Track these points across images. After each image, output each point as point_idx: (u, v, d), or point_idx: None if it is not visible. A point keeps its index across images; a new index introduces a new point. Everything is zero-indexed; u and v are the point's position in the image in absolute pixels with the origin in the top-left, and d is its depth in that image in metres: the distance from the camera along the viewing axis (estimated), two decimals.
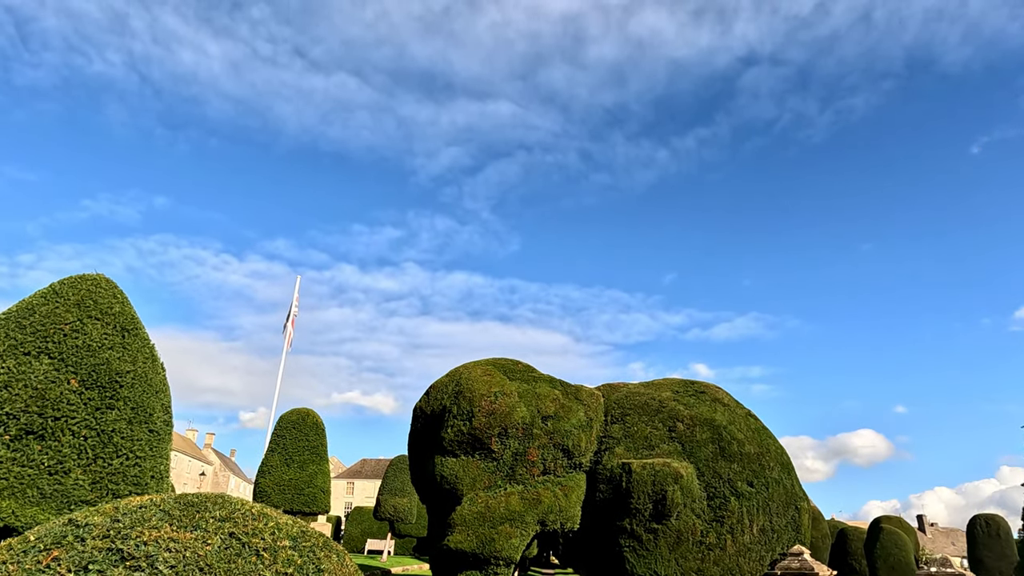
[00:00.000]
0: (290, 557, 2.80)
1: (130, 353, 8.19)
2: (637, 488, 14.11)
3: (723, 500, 14.32)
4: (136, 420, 7.86)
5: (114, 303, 8.47)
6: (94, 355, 7.75)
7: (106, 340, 7.99)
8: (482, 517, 14.25)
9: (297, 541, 2.96)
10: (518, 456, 14.81)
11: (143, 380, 8.16)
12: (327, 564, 2.92)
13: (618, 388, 16.92)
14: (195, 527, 2.72)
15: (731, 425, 15.29)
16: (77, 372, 7.53)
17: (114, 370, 7.82)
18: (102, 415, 7.51)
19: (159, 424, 8.21)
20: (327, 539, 3.29)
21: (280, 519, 3.12)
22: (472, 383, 15.59)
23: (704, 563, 13.87)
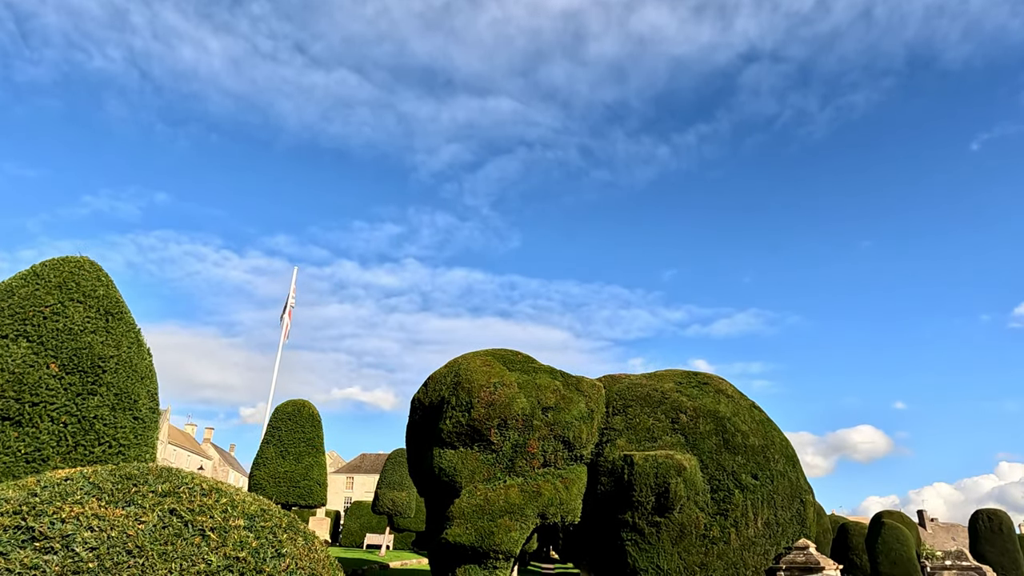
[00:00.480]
0: (243, 538, 2.49)
1: (114, 337, 7.87)
2: (639, 481, 13.81)
3: (727, 493, 14.02)
4: (120, 406, 7.54)
5: (98, 286, 8.15)
6: (75, 339, 7.43)
7: (88, 323, 7.67)
8: (481, 510, 13.95)
9: (254, 521, 2.67)
10: (518, 448, 14.51)
11: (127, 365, 7.84)
12: (290, 548, 2.58)
13: (620, 379, 16.62)
14: (129, 502, 2.38)
15: (735, 417, 14.98)
16: (57, 356, 7.22)
17: (96, 354, 7.50)
18: (83, 401, 7.19)
19: (144, 411, 7.90)
20: (293, 519, 2.95)
21: (236, 496, 2.77)
22: (471, 374, 15.27)
23: (708, 557, 13.57)
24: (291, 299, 23.61)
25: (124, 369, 7.77)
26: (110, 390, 7.48)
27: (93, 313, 7.81)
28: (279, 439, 15.90)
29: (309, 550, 2.73)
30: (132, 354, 7.99)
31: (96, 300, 7.96)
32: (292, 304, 23.64)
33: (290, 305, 23.58)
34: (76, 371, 7.27)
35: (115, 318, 8.05)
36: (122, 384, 7.65)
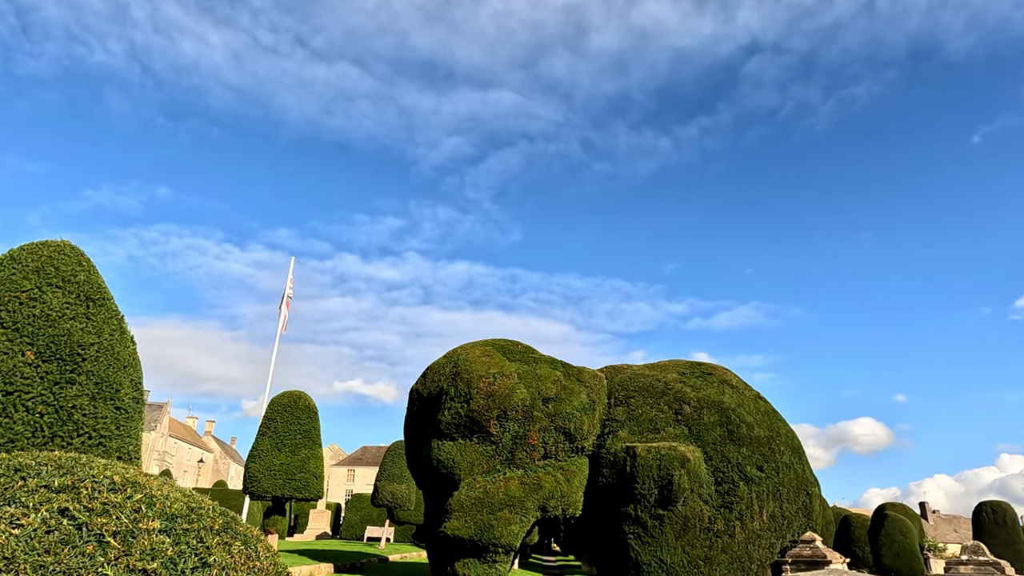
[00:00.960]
0: (156, 545, 2.08)
1: (95, 324, 7.53)
2: (642, 473, 13.51)
3: (732, 485, 13.71)
4: (100, 396, 7.22)
5: (78, 271, 7.81)
6: (53, 325, 7.10)
7: (67, 309, 7.34)
8: (480, 503, 13.66)
9: (175, 522, 2.27)
10: (518, 439, 14.20)
11: (109, 353, 7.51)
12: (220, 555, 2.19)
13: (622, 370, 16.29)
14: (10, 500, 2.01)
15: (740, 408, 14.66)
16: (33, 343, 6.89)
17: (76, 342, 7.17)
18: (61, 390, 6.86)
19: (127, 401, 7.58)
20: (230, 520, 2.56)
21: (159, 491, 2.39)
22: (470, 364, 14.95)
23: (712, 550, 13.28)
24: (289, 289, 23.28)
25: (105, 357, 7.44)
26: (90, 379, 7.15)
27: (72, 299, 7.47)
28: (275, 431, 15.61)
29: (248, 558, 2.35)
30: (114, 342, 7.65)
31: (76, 285, 7.62)
32: (290, 295, 23.31)
33: (288, 296, 23.26)
34: (54, 359, 6.94)
35: (96, 304, 7.72)
36: (103, 373, 7.32)
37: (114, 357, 7.58)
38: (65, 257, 7.85)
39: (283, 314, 22.98)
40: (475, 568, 13.77)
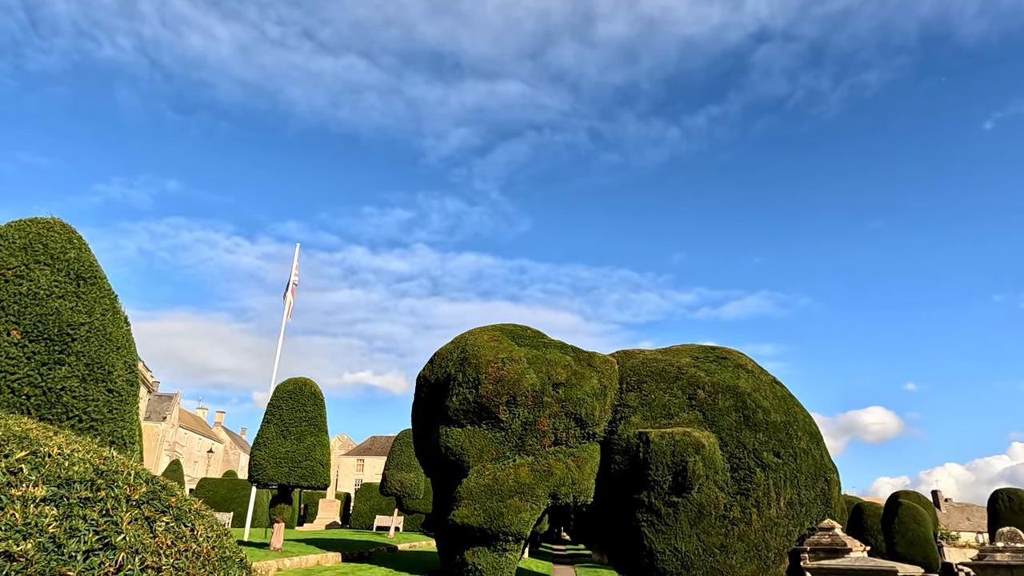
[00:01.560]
0: (32, 518, 1.59)
1: (85, 303, 7.20)
2: (655, 459, 13.14)
3: (748, 472, 13.33)
4: (91, 378, 6.89)
5: (68, 248, 7.47)
6: (41, 304, 6.77)
7: (56, 288, 7.01)
8: (490, 490, 13.35)
9: (69, 489, 1.77)
10: (528, 426, 13.86)
11: (100, 334, 7.18)
12: (134, 534, 1.73)
13: (634, 355, 15.90)
14: None
15: (756, 392, 14.25)
16: (19, 322, 6.56)
17: (65, 321, 6.84)
18: (49, 371, 6.54)
19: (120, 383, 7.25)
20: (160, 490, 2.14)
21: (59, 449, 1.93)
22: (478, 349, 14.61)
23: (728, 538, 12.92)
24: (294, 277, 22.98)
25: (96, 338, 7.11)
26: (80, 360, 6.82)
27: (62, 277, 7.14)
28: (280, 418, 15.33)
29: (178, 538, 1.91)
30: (106, 322, 7.32)
31: (66, 263, 7.29)
32: (295, 282, 23.02)
33: (293, 283, 22.96)
34: (41, 339, 6.61)
35: (87, 283, 7.38)
36: (94, 353, 7.00)
37: (106, 338, 7.25)
38: (55, 234, 7.51)
39: (288, 302, 22.69)
40: (485, 557, 13.47)
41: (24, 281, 6.85)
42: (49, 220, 7.75)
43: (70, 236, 7.72)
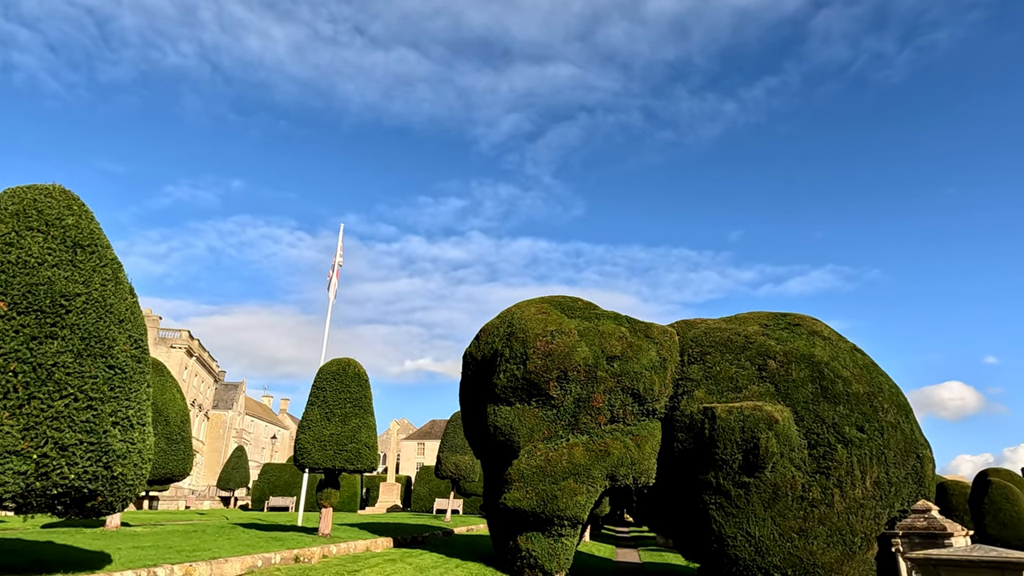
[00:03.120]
0: None
1: (82, 273, 6.56)
2: (723, 436, 11.97)
3: (828, 448, 12.00)
4: (89, 353, 6.26)
5: (66, 214, 6.85)
6: (31, 273, 6.15)
7: (49, 256, 6.38)
8: (542, 472, 12.45)
9: None
10: (581, 402, 12.87)
11: (99, 306, 6.53)
12: None
13: (695, 324, 14.65)
14: None
15: (834, 361, 12.84)
16: (7, 293, 5.95)
17: (58, 292, 6.21)
18: (39, 346, 5.92)
19: (124, 359, 6.61)
20: None
21: None
22: (526, 323, 13.67)
23: (807, 522, 11.66)
24: (338, 256, 22.53)
25: (95, 309, 6.47)
26: (75, 333, 6.19)
27: (56, 244, 6.52)
28: (324, 400, 14.80)
29: None
30: (107, 293, 6.68)
31: (61, 230, 6.66)
32: (340, 262, 22.56)
33: (338, 263, 22.51)
34: (31, 311, 5.99)
35: (86, 251, 6.75)
36: (92, 326, 6.35)
37: (106, 310, 6.60)
38: (51, 200, 6.90)
39: (334, 283, 22.26)
40: (539, 543, 12.61)
41: (13, 249, 6.24)
42: (48, 186, 7.15)
43: (69, 203, 7.10)
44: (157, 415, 15.73)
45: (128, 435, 6.55)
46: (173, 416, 15.99)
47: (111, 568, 7.64)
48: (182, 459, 16.01)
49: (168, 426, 15.83)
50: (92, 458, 6.08)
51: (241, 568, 9.63)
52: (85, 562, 8.08)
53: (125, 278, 7.21)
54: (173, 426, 15.92)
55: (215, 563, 9.08)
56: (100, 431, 6.17)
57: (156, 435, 15.93)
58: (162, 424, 15.74)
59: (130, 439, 6.56)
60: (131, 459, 6.54)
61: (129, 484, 6.56)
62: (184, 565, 8.34)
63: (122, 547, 10.46)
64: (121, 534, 13.62)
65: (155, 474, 15.46)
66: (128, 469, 6.49)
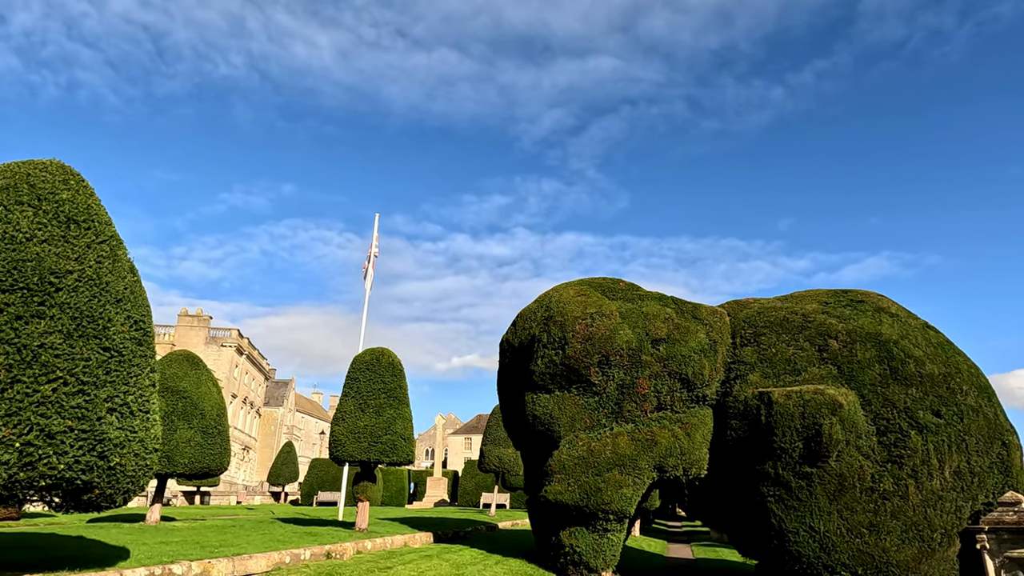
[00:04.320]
0: None
1: (75, 249, 6.10)
2: (781, 423, 10.99)
3: (900, 435, 10.90)
4: (80, 334, 5.79)
5: (60, 189, 6.41)
6: (18, 249, 5.71)
7: (39, 231, 5.94)
8: (585, 463, 11.68)
9: None
10: (624, 389, 12.04)
11: (94, 284, 6.06)
12: None
13: (747, 304, 13.64)
14: None
15: (904, 339, 11.69)
16: None
17: (47, 268, 5.75)
18: (25, 325, 5.47)
19: (121, 341, 6.12)
20: None
21: None
22: (564, 306, 12.90)
23: (878, 516, 10.60)
24: (374, 248, 22.14)
25: (88, 288, 6.00)
26: (65, 312, 5.72)
27: (48, 219, 6.08)
28: (357, 391, 14.36)
29: None
30: (102, 270, 6.21)
31: (54, 205, 6.22)
32: (375, 254, 22.17)
33: (373, 255, 22.12)
34: (17, 288, 5.55)
35: (80, 226, 6.29)
36: (84, 306, 5.88)
37: (101, 288, 6.12)
38: (46, 175, 6.46)
39: (370, 273, 21.88)
40: (584, 538, 11.86)
41: (1, 223, 5.78)
42: (46, 161, 6.73)
43: (66, 177, 6.66)
44: (193, 409, 15.56)
45: (127, 422, 6.06)
46: (209, 410, 15.80)
47: (124, 565, 7.21)
48: (219, 453, 15.81)
49: (204, 419, 15.64)
50: (85, 447, 5.59)
51: (267, 564, 9.17)
52: (101, 559, 7.69)
53: (125, 255, 6.74)
54: (209, 419, 15.74)
55: (238, 559, 8.62)
56: (93, 418, 5.68)
57: (192, 429, 15.76)
58: (198, 418, 15.57)
59: (129, 427, 6.07)
60: (131, 448, 6.05)
61: (130, 475, 6.07)
62: (203, 562, 7.88)
63: (149, 542, 10.13)
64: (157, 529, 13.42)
65: (192, 468, 15.30)
66: (127, 459, 6.00)
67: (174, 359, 16.09)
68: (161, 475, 15.31)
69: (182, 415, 15.33)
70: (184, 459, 15.10)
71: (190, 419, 15.40)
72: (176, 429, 15.16)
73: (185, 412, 15.40)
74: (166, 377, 15.57)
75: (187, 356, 16.27)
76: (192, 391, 15.63)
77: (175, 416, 15.23)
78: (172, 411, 15.21)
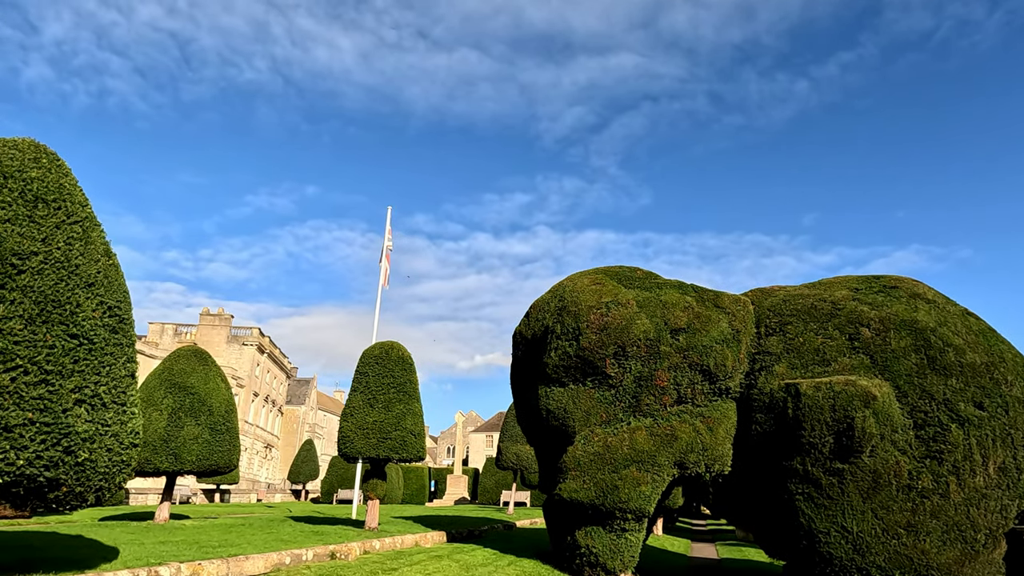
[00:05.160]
0: None
1: (42, 229, 5.69)
2: (810, 416, 10.32)
3: (939, 429, 10.17)
4: (44, 320, 5.36)
5: (30, 167, 5.99)
6: None
7: (1, 210, 5.51)
8: (601, 459, 11.12)
9: None
10: (642, 381, 11.44)
11: (61, 266, 5.64)
12: None
13: (772, 292, 12.94)
14: None
15: (942, 327, 10.94)
16: None
17: (9, 249, 5.34)
18: None
19: (91, 328, 5.69)
20: None
21: None
22: (578, 295, 12.33)
23: (917, 515, 9.89)
24: (388, 241, 21.73)
25: (55, 271, 5.57)
26: (27, 296, 5.30)
27: (13, 196, 5.66)
28: (366, 386, 13.95)
29: None
30: (72, 252, 5.79)
31: (21, 183, 5.80)
32: (389, 247, 21.77)
33: (387, 248, 21.71)
34: None
35: (49, 206, 5.87)
36: (50, 289, 5.46)
37: (69, 271, 5.69)
38: (15, 152, 6.05)
39: (384, 268, 21.48)
40: (600, 538, 11.29)
41: None
42: (17, 139, 6.32)
43: (38, 155, 6.24)
44: (201, 405, 15.25)
45: (98, 415, 5.63)
46: (218, 406, 15.49)
47: (106, 567, 6.81)
48: (228, 450, 15.49)
49: (212, 416, 15.33)
50: (48, 441, 5.16)
51: (265, 566, 8.74)
52: (84, 560, 7.30)
53: (101, 237, 6.31)
54: (217, 416, 15.42)
55: (233, 560, 8.20)
56: (58, 410, 5.25)
57: (200, 425, 15.44)
58: (206, 414, 15.26)
59: (101, 420, 5.64)
60: (102, 443, 5.62)
61: (102, 472, 5.63)
62: (193, 563, 7.46)
63: (146, 542, 9.77)
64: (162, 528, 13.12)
65: (200, 465, 15.00)
66: (99, 454, 5.56)
67: (182, 354, 15.80)
68: (169, 473, 15.03)
69: (189, 411, 15.04)
70: (192, 456, 14.80)
71: (198, 416, 15.10)
72: (183, 426, 14.86)
73: (193, 408, 15.10)
74: (173, 373, 15.30)
75: (195, 351, 15.99)
76: (200, 387, 15.33)
77: (182, 412, 14.94)
78: (179, 407, 14.92)
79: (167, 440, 14.61)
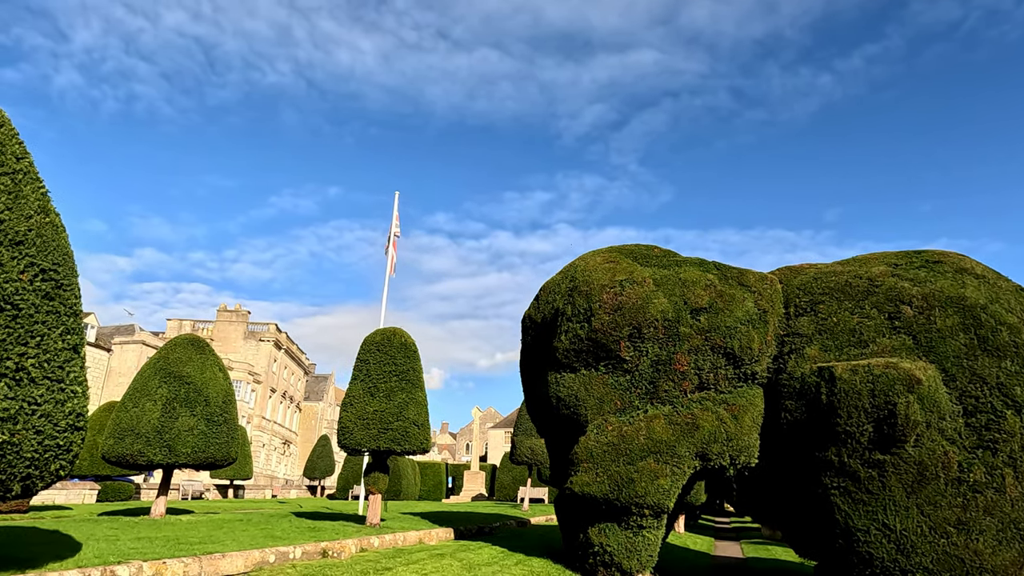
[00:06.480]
0: None
1: None
2: (846, 402, 9.33)
3: (992, 416, 9.13)
4: None
5: None
6: None
7: None
8: (615, 450, 10.22)
9: None
10: (660, 365, 10.53)
11: None
12: None
13: (802, 270, 11.93)
14: None
15: (994, 304, 9.88)
16: None
17: None
18: None
19: (17, 292, 4.92)
20: None
21: None
22: (590, 274, 11.44)
23: (968, 512, 8.87)
24: (394, 228, 20.99)
25: None
26: None
27: None
28: (367, 374, 13.20)
29: None
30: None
31: None
32: (396, 234, 21.03)
33: (394, 235, 20.97)
34: None
35: None
36: None
37: None
38: None
39: (391, 255, 20.73)
40: (615, 536, 10.40)
41: None
42: None
43: None
44: (196, 395, 14.61)
45: (24, 391, 4.87)
46: (214, 396, 14.83)
47: (54, 566, 6.08)
48: (225, 442, 14.84)
49: (209, 407, 14.68)
50: None
51: (245, 564, 7.98)
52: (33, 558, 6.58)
53: (36, 192, 5.53)
54: (214, 407, 14.77)
55: (207, 559, 7.45)
56: None
57: (195, 416, 14.79)
58: (202, 405, 14.61)
59: (27, 397, 4.87)
60: (29, 423, 4.86)
61: (28, 457, 4.87)
62: (156, 562, 6.71)
63: (123, 538, 9.07)
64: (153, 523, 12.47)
65: (195, 458, 14.36)
66: (24, 436, 4.80)
67: (178, 343, 15.19)
68: (164, 465, 14.40)
69: (184, 402, 14.40)
70: (187, 448, 14.16)
71: (193, 406, 14.46)
72: (178, 417, 14.23)
73: (188, 399, 14.47)
74: (169, 362, 14.67)
75: (192, 340, 15.35)
76: (196, 376, 14.68)
77: (177, 403, 14.31)
78: (174, 398, 14.29)
79: (161, 431, 13.99)
